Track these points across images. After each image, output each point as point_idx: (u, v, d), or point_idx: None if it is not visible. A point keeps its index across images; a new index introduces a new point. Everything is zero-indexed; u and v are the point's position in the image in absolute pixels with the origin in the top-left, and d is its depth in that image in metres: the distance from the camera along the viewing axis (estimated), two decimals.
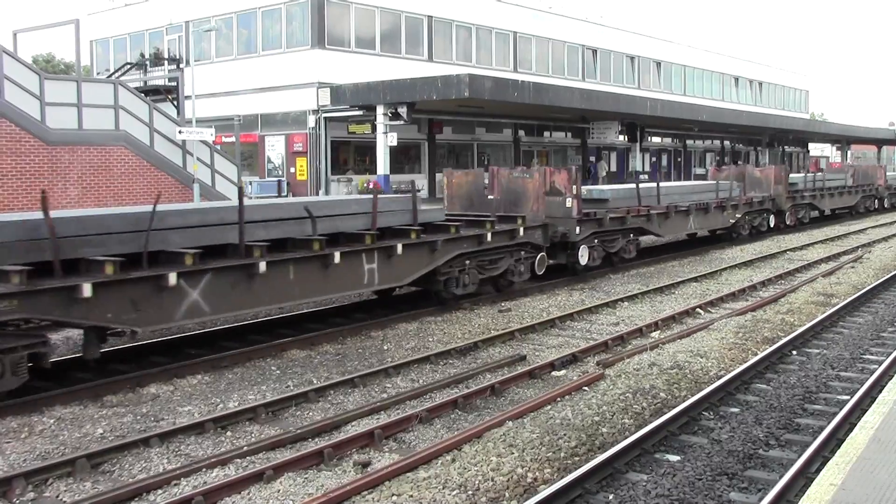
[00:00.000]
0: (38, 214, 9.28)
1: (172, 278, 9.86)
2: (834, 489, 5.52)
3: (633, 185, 22.35)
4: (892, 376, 9.67)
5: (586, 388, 9.85)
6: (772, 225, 28.23)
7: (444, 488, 6.84)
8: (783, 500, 6.57)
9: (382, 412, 9.09)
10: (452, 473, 7.13)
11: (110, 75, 29.32)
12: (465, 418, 8.99)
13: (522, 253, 16.06)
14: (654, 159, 51.82)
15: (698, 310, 14.95)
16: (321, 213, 12.51)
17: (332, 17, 32.76)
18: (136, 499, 6.87)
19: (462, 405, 9.30)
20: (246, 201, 11.29)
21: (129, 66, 31.61)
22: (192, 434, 8.39)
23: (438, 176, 35.31)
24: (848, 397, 9.34)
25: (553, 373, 10.77)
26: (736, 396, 9.61)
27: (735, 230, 25.87)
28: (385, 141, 28.08)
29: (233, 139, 30.36)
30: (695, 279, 18.59)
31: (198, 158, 23.37)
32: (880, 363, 10.77)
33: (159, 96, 27.56)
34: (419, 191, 20.13)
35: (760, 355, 11.00)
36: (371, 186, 28.90)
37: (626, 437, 7.97)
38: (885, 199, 41.71)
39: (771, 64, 66.08)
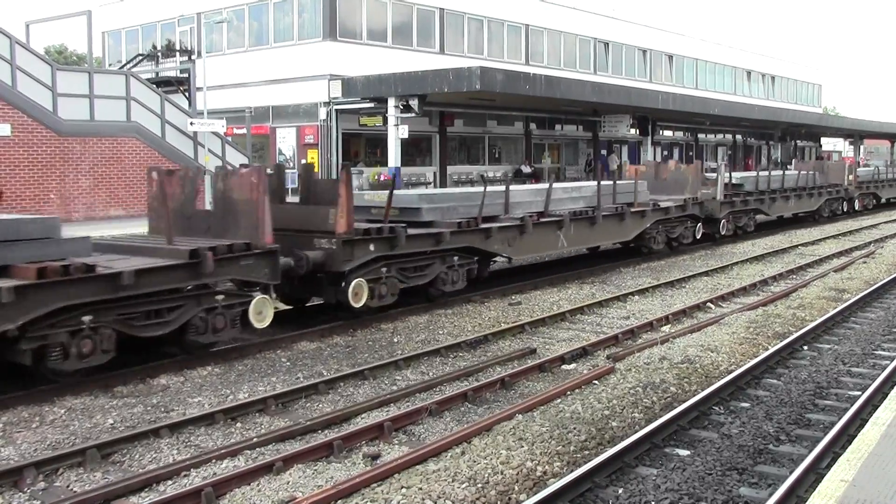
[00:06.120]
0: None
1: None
2: (845, 485, 5.50)
3: (478, 190, 16.33)
4: None
5: (596, 381, 9.83)
6: (698, 235, 23.06)
7: (453, 481, 6.84)
8: (793, 496, 6.54)
9: (392, 405, 9.09)
10: (462, 466, 7.12)
11: (122, 67, 29.44)
12: (475, 411, 8.98)
13: (221, 297, 10.80)
14: (665, 153, 51.63)
15: (709, 304, 14.91)
16: None
17: (344, 9, 32.73)
18: (146, 489, 6.90)
19: (472, 398, 9.29)
20: None
21: (140, 58, 31.74)
22: (202, 425, 8.42)
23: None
24: (859, 393, 9.29)
25: (563, 366, 10.75)
26: (746, 391, 9.58)
27: (643, 243, 20.73)
28: (396, 133, 28.04)
29: (244, 131, 30.39)
30: (706, 273, 18.52)
31: (209, 150, 23.44)
32: (892, 359, 10.71)
33: (171, 88, 27.68)
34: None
35: (771, 350, 10.96)
36: (382, 179, 28.91)
37: (635, 431, 7.96)
38: (856, 201, 35.16)
39: (784, 58, 65.68)
